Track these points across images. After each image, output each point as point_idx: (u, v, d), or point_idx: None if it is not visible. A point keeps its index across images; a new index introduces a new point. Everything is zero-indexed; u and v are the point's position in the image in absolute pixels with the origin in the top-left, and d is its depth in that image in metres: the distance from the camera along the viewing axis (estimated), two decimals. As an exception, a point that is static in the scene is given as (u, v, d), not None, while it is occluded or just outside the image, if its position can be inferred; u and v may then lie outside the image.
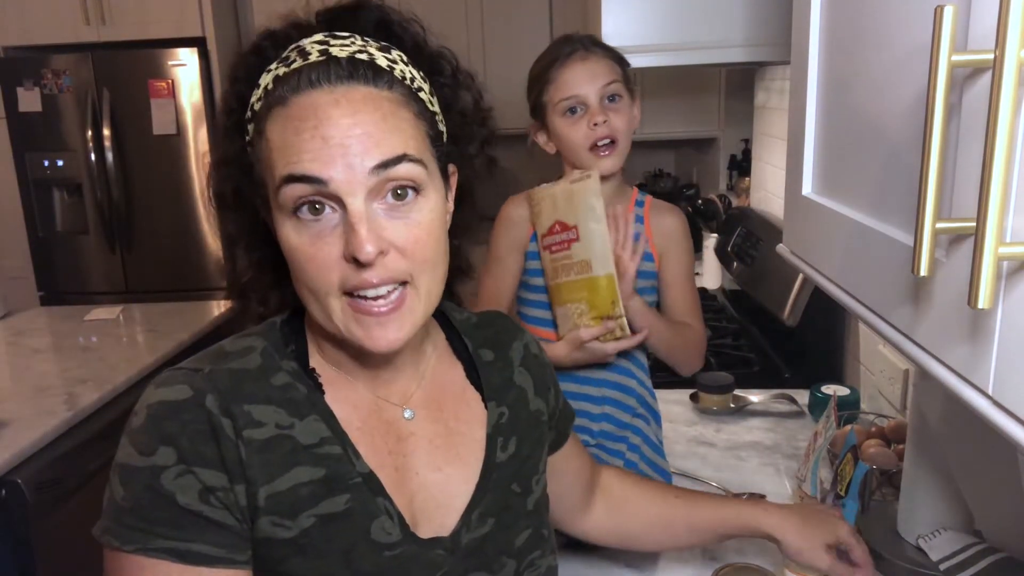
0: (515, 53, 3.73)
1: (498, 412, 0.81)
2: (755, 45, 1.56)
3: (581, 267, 1.23)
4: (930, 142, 0.47)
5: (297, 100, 0.64)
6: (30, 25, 3.61)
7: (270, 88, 0.66)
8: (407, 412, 0.76)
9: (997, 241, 0.42)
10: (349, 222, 0.63)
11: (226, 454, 0.64)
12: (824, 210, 0.77)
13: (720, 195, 2.93)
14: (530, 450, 0.83)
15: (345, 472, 0.69)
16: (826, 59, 0.78)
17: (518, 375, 0.85)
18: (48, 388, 2.01)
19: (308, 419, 0.69)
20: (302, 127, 0.63)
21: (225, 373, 0.68)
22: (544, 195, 1.26)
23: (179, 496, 0.63)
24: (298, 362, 0.72)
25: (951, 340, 0.51)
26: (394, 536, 0.70)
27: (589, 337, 1.23)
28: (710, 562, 1.14)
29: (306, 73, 0.64)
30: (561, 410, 0.91)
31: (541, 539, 0.81)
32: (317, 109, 0.63)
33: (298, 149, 0.63)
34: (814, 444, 1.29)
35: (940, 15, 0.45)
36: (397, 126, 0.65)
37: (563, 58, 1.23)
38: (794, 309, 1.79)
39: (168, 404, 0.65)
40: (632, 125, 1.26)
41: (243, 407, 0.66)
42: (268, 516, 0.66)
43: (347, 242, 0.63)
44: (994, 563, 0.96)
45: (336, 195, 0.63)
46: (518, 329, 0.90)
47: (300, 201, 0.63)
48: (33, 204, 3.67)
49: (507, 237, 1.31)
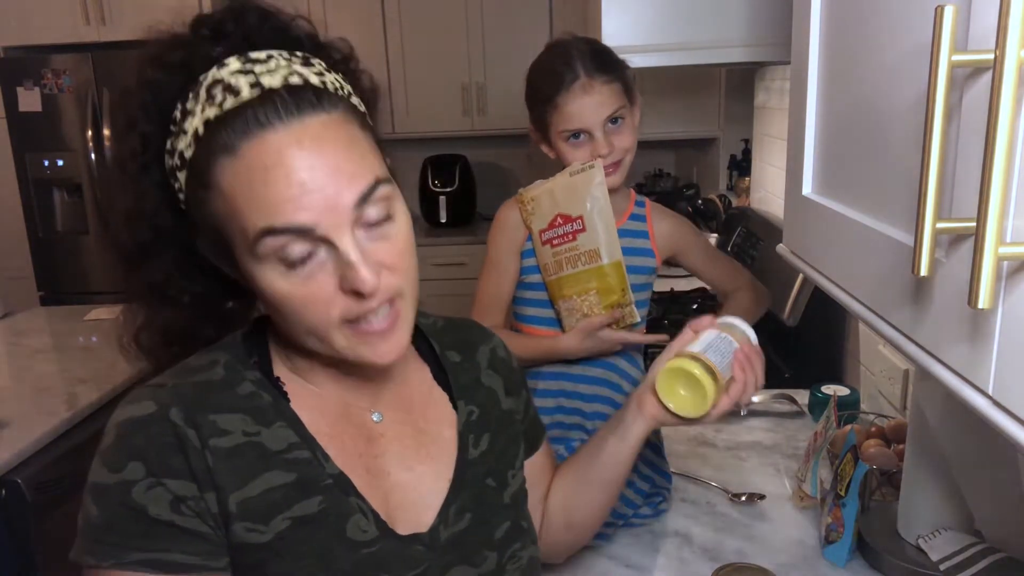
0: (515, 53, 3.73)
1: (467, 410, 0.82)
2: (755, 45, 1.55)
3: (589, 257, 1.24)
4: (930, 142, 0.47)
5: (250, 146, 0.60)
6: (30, 25, 3.60)
7: (202, 135, 0.62)
8: (375, 415, 0.77)
9: (997, 241, 0.42)
10: (344, 259, 0.62)
11: (194, 464, 0.65)
12: (824, 210, 0.77)
13: (720, 195, 2.93)
14: (504, 445, 0.84)
15: (316, 475, 0.70)
16: (826, 59, 0.78)
17: (486, 376, 0.86)
18: (48, 388, 2.01)
19: (275, 426, 0.70)
20: (270, 177, 0.60)
21: (189, 386, 0.69)
22: (540, 191, 1.26)
23: (150, 508, 0.63)
24: (262, 372, 0.73)
25: (951, 340, 0.51)
26: (370, 534, 0.70)
27: (600, 324, 1.24)
28: (710, 562, 1.14)
29: (250, 114, 0.60)
30: (532, 419, 0.91)
31: (521, 531, 0.81)
32: (281, 153, 0.60)
33: (274, 200, 0.60)
34: (814, 444, 1.29)
35: (940, 15, 0.45)
36: (360, 152, 0.64)
37: (567, 87, 1.21)
38: (794, 309, 1.80)
39: (134, 420, 0.66)
40: (635, 137, 1.26)
41: (208, 417, 0.67)
42: (241, 522, 0.66)
43: (345, 278, 0.62)
44: (994, 563, 0.97)
45: (325, 238, 0.61)
46: (486, 333, 0.91)
47: (286, 253, 0.62)
48: (33, 204, 3.67)
49: (504, 241, 1.32)
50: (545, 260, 1.28)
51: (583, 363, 1.30)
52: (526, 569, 0.80)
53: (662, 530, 1.24)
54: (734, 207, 2.77)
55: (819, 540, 1.18)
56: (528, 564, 0.81)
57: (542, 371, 1.31)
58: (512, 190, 1.34)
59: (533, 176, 1.34)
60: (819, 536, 1.18)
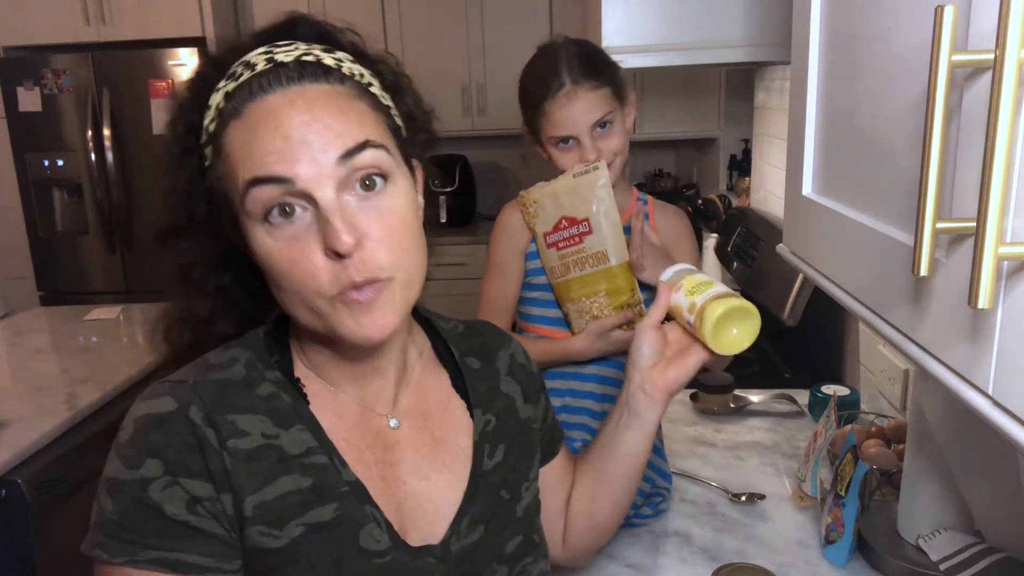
0: (515, 53, 3.72)
1: (484, 420, 0.81)
2: (755, 45, 1.55)
3: (597, 259, 1.24)
4: (930, 142, 0.47)
5: (251, 107, 0.64)
6: (30, 25, 3.60)
7: (222, 106, 0.66)
8: (392, 421, 0.76)
9: (997, 241, 0.42)
10: (323, 216, 0.62)
11: (211, 464, 0.65)
12: (824, 210, 0.77)
13: (720, 195, 2.93)
14: (519, 457, 0.83)
15: (332, 481, 0.69)
16: (826, 59, 0.78)
17: (504, 384, 0.85)
18: (48, 388, 2.01)
19: (293, 429, 0.69)
20: (260, 131, 0.63)
21: (210, 384, 0.68)
22: (542, 194, 1.26)
23: (166, 507, 0.63)
24: (282, 372, 0.72)
25: (951, 340, 0.51)
26: (383, 544, 0.70)
27: (612, 326, 1.24)
28: (710, 562, 1.14)
29: (256, 81, 0.64)
30: (550, 424, 0.91)
31: (532, 545, 0.81)
32: (274, 111, 0.63)
33: (260, 151, 0.63)
34: (814, 444, 1.29)
35: (940, 15, 0.45)
36: (356, 117, 0.65)
37: (553, 94, 1.21)
38: (794, 309, 1.79)
39: (153, 417, 0.66)
40: (626, 138, 1.26)
41: (227, 417, 0.67)
42: (256, 526, 0.66)
43: (324, 235, 0.62)
44: (994, 563, 0.96)
45: (305, 192, 0.62)
46: (505, 338, 0.90)
47: (269, 204, 0.63)
48: (33, 204, 3.67)
49: (507, 243, 1.31)
50: (551, 263, 1.28)
51: (595, 363, 1.30)
52: None
53: (662, 530, 1.24)
54: (734, 207, 2.76)
55: (819, 540, 1.18)
56: None
57: (552, 371, 1.30)
58: (512, 190, 1.34)
59: (532, 176, 1.33)
60: (819, 536, 1.18)
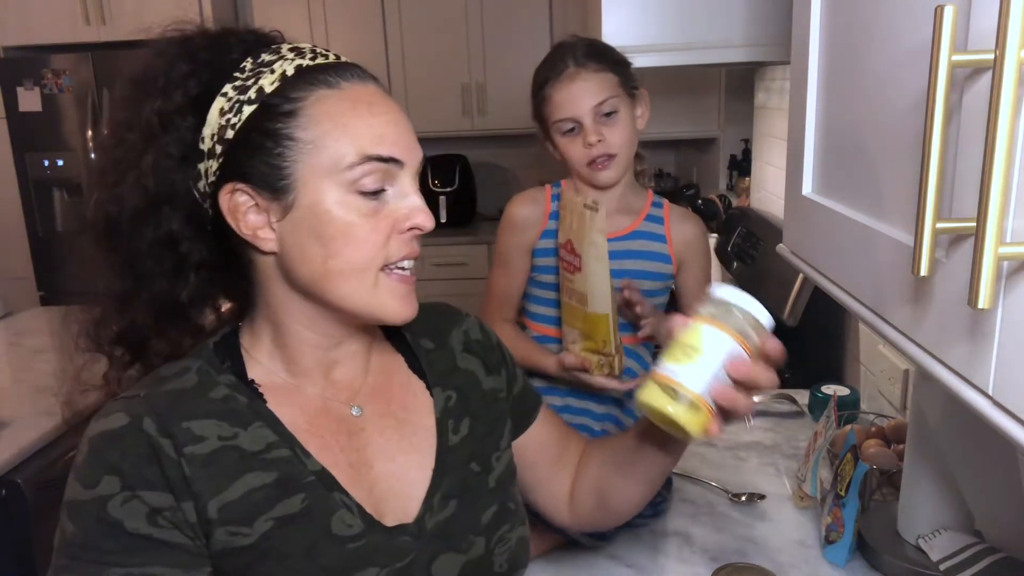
0: (515, 53, 3.73)
1: (444, 396, 0.82)
2: (755, 45, 1.55)
3: (580, 298, 1.21)
4: (930, 142, 0.47)
5: (350, 86, 0.69)
6: (30, 25, 3.60)
7: (291, 75, 0.68)
8: (354, 409, 0.77)
9: (997, 241, 0.42)
10: (414, 202, 0.70)
11: (169, 474, 0.65)
12: (824, 210, 0.77)
13: (720, 195, 2.93)
14: (488, 428, 0.83)
15: (297, 473, 0.70)
16: (826, 59, 0.78)
17: (462, 360, 0.86)
18: (48, 388, 2.01)
19: (252, 427, 0.70)
20: (371, 111, 0.68)
21: (162, 395, 0.69)
22: (571, 206, 1.19)
23: (127, 522, 0.63)
24: (236, 375, 0.73)
25: (951, 340, 0.51)
26: (356, 528, 0.71)
27: (574, 365, 1.22)
28: (710, 562, 1.14)
29: (340, 68, 0.70)
30: (520, 393, 0.90)
31: (508, 513, 0.81)
32: (373, 98, 0.69)
33: (378, 132, 0.68)
34: (814, 444, 1.29)
35: (940, 15, 0.45)
36: None
37: (555, 76, 1.21)
38: (794, 309, 1.79)
39: (107, 434, 0.66)
40: (633, 134, 1.24)
41: (182, 425, 0.67)
42: (223, 527, 0.66)
43: (408, 217, 0.70)
44: (994, 563, 0.96)
45: (405, 177, 0.70)
46: (458, 316, 0.90)
47: (378, 179, 0.68)
48: (33, 204, 3.67)
49: (514, 239, 1.30)
50: (560, 274, 1.26)
51: None
52: (515, 550, 0.80)
53: (662, 530, 1.24)
54: (734, 207, 2.76)
55: (819, 540, 1.18)
56: (517, 544, 0.81)
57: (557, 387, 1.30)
58: (512, 190, 1.34)
59: (532, 176, 1.33)
60: (819, 536, 1.18)
